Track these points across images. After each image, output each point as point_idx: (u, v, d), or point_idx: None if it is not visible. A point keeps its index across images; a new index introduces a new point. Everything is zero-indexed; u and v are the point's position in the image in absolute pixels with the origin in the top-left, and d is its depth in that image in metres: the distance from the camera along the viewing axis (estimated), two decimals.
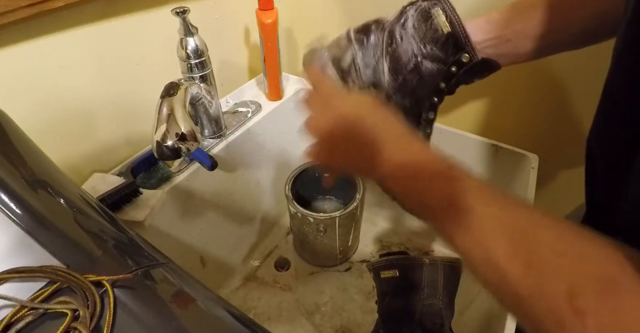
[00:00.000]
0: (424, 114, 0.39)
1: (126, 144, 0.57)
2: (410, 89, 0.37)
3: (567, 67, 0.59)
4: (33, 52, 0.43)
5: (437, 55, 0.36)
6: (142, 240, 0.32)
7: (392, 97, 0.38)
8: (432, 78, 0.37)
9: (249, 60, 0.74)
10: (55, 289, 0.25)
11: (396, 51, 0.37)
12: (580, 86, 0.60)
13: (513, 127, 0.69)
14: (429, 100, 0.38)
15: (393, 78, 0.37)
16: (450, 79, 0.37)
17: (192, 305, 0.28)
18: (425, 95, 0.38)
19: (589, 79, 0.58)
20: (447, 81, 0.37)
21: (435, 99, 0.38)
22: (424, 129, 0.40)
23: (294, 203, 0.64)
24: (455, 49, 0.36)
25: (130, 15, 0.50)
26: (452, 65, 0.36)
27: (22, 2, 0.37)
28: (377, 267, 0.54)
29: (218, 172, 0.58)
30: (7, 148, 0.32)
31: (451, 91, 0.39)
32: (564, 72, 0.60)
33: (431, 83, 0.37)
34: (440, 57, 0.36)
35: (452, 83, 0.37)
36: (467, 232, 0.25)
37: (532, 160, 0.60)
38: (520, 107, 0.67)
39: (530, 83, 0.63)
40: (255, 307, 0.69)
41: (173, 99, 0.41)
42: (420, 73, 0.37)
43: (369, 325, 0.65)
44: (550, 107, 0.64)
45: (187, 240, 0.59)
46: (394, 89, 0.37)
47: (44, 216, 0.29)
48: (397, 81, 0.37)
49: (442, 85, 0.37)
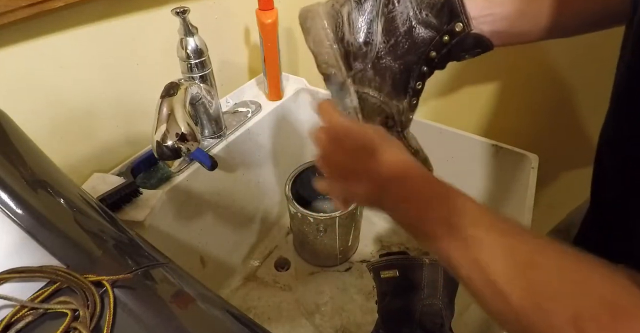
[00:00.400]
0: (412, 81, 0.39)
1: (126, 144, 0.57)
2: (400, 53, 0.37)
3: (567, 67, 0.59)
4: (33, 52, 0.43)
5: (431, 22, 0.36)
6: (142, 240, 0.32)
7: (382, 59, 0.38)
8: (423, 44, 0.37)
9: (249, 60, 0.74)
10: (55, 289, 0.25)
11: (392, 13, 0.37)
12: (580, 86, 0.60)
13: (513, 127, 0.69)
14: (418, 67, 0.38)
15: (385, 39, 0.37)
16: (441, 49, 0.37)
17: (192, 305, 0.28)
18: (415, 61, 0.38)
19: (589, 79, 0.58)
20: (439, 51, 0.37)
21: (425, 67, 0.38)
22: (410, 98, 0.40)
23: (294, 203, 0.64)
24: (450, 17, 0.36)
25: (130, 15, 0.50)
26: (445, 34, 0.36)
27: (22, 2, 0.37)
28: (377, 267, 0.54)
29: (218, 172, 0.58)
30: (7, 148, 0.32)
31: (442, 64, 0.39)
32: (564, 72, 0.60)
33: (422, 50, 0.37)
34: (435, 24, 0.36)
35: (444, 53, 0.37)
36: (467, 258, 0.25)
37: (532, 160, 0.60)
38: (520, 107, 0.67)
39: (530, 83, 0.63)
40: (255, 307, 0.69)
41: (173, 99, 0.41)
42: (413, 38, 0.37)
43: (369, 325, 0.65)
44: (550, 107, 0.64)
45: (187, 240, 0.59)
46: (385, 50, 0.37)
47: (44, 216, 0.29)
48: (389, 43, 0.37)
49: (432, 53, 0.37)
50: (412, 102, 0.40)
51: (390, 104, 0.39)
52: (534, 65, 0.61)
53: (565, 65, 0.59)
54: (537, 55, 0.60)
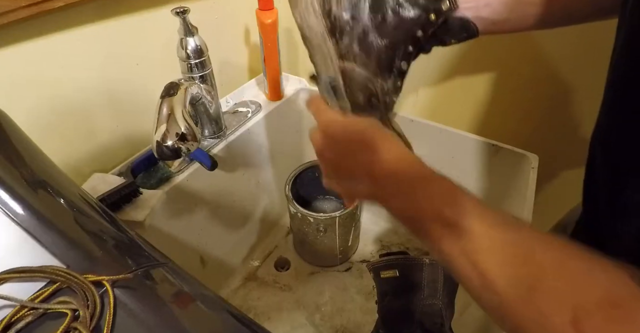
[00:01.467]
0: (397, 61, 0.39)
1: (126, 144, 0.57)
2: (387, 30, 0.37)
3: (567, 67, 0.59)
4: (33, 52, 0.43)
5: (418, 0, 0.37)
6: (142, 240, 0.32)
7: (368, 36, 0.38)
8: (411, 23, 0.37)
9: (249, 60, 0.74)
10: (55, 289, 0.25)
11: None
12: (580, 86, 0.60)
13: (513, 127, 0.69)
14: (405, 46, 0.38)
15: (372, 16, 0.37)
16: (428, 28, 0.37)
17: (192, 305, 0.28)
18: (402, 40, 0.38)
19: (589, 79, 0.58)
20: (425, 30, 0.37)
21: (411, 47, 0.38)
22: (395, 79, 0.40)
23: (294, 203, 0.64)
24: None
25: (130, 15, 0.50)
26: (431, 13, 0.36)
27: (22, 2, 0.37)
28: (377, 267, 0.54)
29: (218, 172, 0.58)
30: (7, 148, 0.32)
31: (428, 47, 0.39)
32: (564, 72, 0.60)
33: (409, 28, 0.37)
34: (421, 2, 0.37)
35: (430, 34, 0.37)
36: (464, 254, 0.25)
37: (532, 160, 0.60)
38: (520, 107, 0.67)
39: (530, 83, 0.63)
40: (255, 307, 0.69)
41: (173, 99, 0.41)
42: (400, 15, 0.37)
43: (369, 325, 0.65)
44: (550, 107, 0.64)
45: (187, 240, 0.59)
46: (371, 26, 0.37)
47: (44, 216, 0.29)
48: (375, 19, 0.37)
49: (419, 33, 0.37)
50: (396, 84, 0.40)
51: (375, 81, 0.39)
52: (534, 65, 0.61)
53: (566, 65, 0.59)
54: (538, 55, 0.60)
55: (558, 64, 0.59)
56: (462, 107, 0.72)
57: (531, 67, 0.61)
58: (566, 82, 0.60)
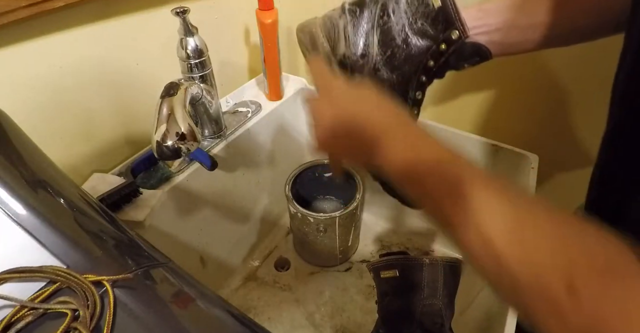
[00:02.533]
0: (411, 92, 0.39)
1: (126, 144, 0.57)
2: (397, 64, 0.38)
3: (567, 67, 0.59)
4: (33, 52, 0.43)
5: (427, 31, 0.36)
6: (142, 240, 0.32)
7: (379, 71, 0.38)
8: (420, 54, 0.37)
9: (249, 60, 0.74)
10: (55, 289, 0.25)
11: (387, 24, 0.37)
12: (581, 86, 0.60)
13: (513, 127, 0.69)
14: (417, 78, 0.38)
15: (382, 51, 0.37)
16: (439, 58, 0.37)
17: (192, 305, 0.28)
18: (413, 71, 0.38)
19: (589, 79, 0.58)
20: (436, 60, 0.37)
21: (424, 77, 0.38)
22: (411, 108, 0.40)
23: (294, 203, 0.64)
24: (445, 25, 0.36)
25: (130, 15, 0.50)
26: (441, 43, 0.36)
27: (22, 2, 0.37)
28: (377, 267, 0.54)
29: (218, 172, 0.58)
30: (7, 148, 0.32)
31: (441, 73, 0.39)
32: (564, 72, 0.60)
33: (419, 59, 0.37)
34: (431, 33, 0.36)
35: (442, 62, 0.37)
36: (466, 220, 0.25)
37: (532, 160, 0.60)
38: (520, 107, 0.67)
39: (530, 83, 0.63)
40: (255, 307, 0.69)
41: (173, 99, 0.41)
42: (409, 48, 0.37)
43: (369, 325, 0.65)
44: (550, 107, 0.64)
45: (187, 240, 0.59)
46: (382, 61, 0.38)
47: (44, 216, 0.29)
48: (385, 54, 0.37)
49: (430, 63, 0.37)
50: (412, 113, 0.40)
51: None
52: (534, 65, 0.61)
53: (566, 65, 0.59)
54: (538, 55, 0.60)
55: (558, 64, 0.59)
56: (462, 107, 0.72)
57: (531, 67, 0.61)
58: (566, 82, 0.60)
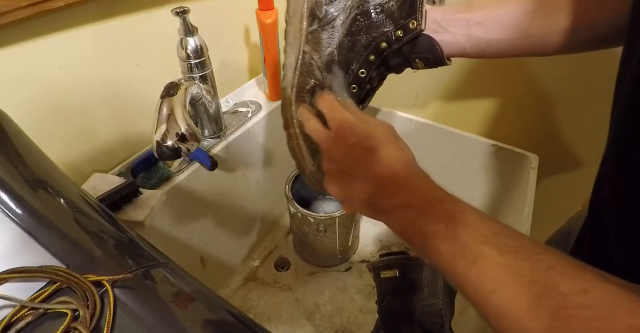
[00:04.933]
0: (355, 64, 0.38)
1: (126, 144, 0.57)
2: (354, 30, 0.37)
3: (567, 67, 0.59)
4: (33, 52, 0.43)
5: (393, 13, 0.36)
6: (142, 240, 0.32)
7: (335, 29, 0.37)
8: (378, 32, 0.37)
9: (249, 60, 0.74)
10: (55, 289, 0.25)
11: None
12: (580, 86, 0.60)
13: (513, 127, 0.69)
14: (366, 53, 0.38)
15: (348, 12, 0.37)
16: (393, 43, 0.37)
17: (192, 305, 0.28)
18: (364, 45, 0.37)
19: (589, 79, 0.58)
20: (390, 44, 0.37)
21: (372, 56, 0.38)
22: (350, 83, 0.39)
23: (294, 203, 0.64)
24: (409, 12, 0.35)
25: (131, 15, 0.50)
26: (399, 29, 0.36)
27: (22, 2, 0.37)
28: (377, 267, 0.54)
29: (218, 172, 0.58)
30: (7, 148, 0.32)
31: (395, 66, 0.39)
32: (564, 72, 0.60)
33: (374, 36, 0.37)
34: (395, 16, 0.36)
35: (395, 49, 0.37)
36: (480, 283, 0.23)
37: (532, 160, 0.60)
38: (520, 107, 0.67)
39: (530, 83, 0.63)
40: (255, 307, 0.69)
41: (173, 99, 0.41)
42: (371, 20, 0.37)
43: (369, 325, 0.65)
44: (550, 107, 0.64)
45: (187, 240, 0.59)
46: (341, 21, 0.37)
47: (44, 216, 0.29)
48: (348, 16, 0.37)
49: (383, 44, 0.37)
50: (350, 89, 0.39)
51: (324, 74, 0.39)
52: (534, 65, 0.61)
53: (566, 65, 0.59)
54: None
55: (559, 64, 0.59)
56: (462, 107, 0.72)
57: (531, 67, 0.61)
58: (566, 82, 0.60)
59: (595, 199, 0.32)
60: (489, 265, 0.23)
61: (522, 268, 0.22)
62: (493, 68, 0.65)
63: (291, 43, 0.40)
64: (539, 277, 0.21)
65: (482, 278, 0.23)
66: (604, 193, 0.29)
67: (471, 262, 0.24)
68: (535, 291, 0.21)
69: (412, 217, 0.28)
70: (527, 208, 0.53)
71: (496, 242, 0.24)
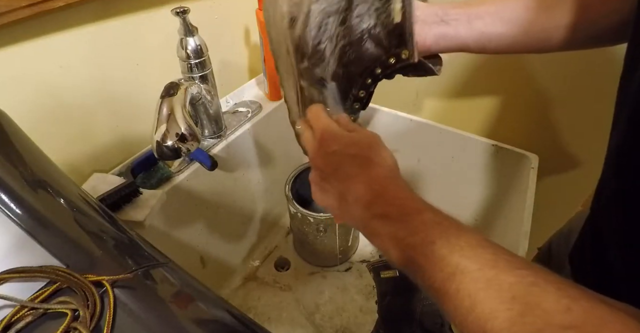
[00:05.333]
0: (355, 89, 0.38)
1: (126, 144, 0.57)
2: (345, 62, 0.37)
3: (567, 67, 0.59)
4: (33, 52, 0.43)
5: (382, 41, 0.36)
6: (142, 240, 0.32)
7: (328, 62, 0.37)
8: (370, 60, 0.37)
9: (249, 60, 0.74)
10: (55, 289, 0.25)
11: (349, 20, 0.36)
12: (580, 87, 0.60)
13: (513, 127, 0.69)
14: (362, 79, 0.38)
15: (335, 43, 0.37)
16: (386, 69, 0.37)
17: (192, 305, 0.28)
18: (359, 73, 0.38)
19: (589, 80, 0.58)
20: (384, 69, 0.37)
21: (370, 80, 0.38)
22: (352, 103, 0.39)
23: (294, 203, 0.64)
24: (398, 41, 0.35)
25: (130, 15, 0.50)
26: (391, 57, 0.36)
27: (22, 2, 0.37)
28: (377, 267, 0.54)
29: (218, 172, 0.58)
30: (7, 148, 0.32)
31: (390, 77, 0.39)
32: (564, 72, 0.60)
33: (367, 65, 0.37)
34: (384, 44, 0.36)
35: (388, 72, 0.37)
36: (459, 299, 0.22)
37: (532, 160, 0.60)
38: (520, 107, 0.67)
39: (530, 83, 0.63)
40: (255, 307, 0.69)
41: (173, 99, 0.41)
42: (361, 50, 0.36)
43: (369, 325, 0.65)
44: (550, 107, 0.64)
45: (187, 240, 0.59)
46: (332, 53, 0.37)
47: (44, 216, 0.29)
48: (337, 47, 0.37)
49: (378, 70, 0.37)
50: (354, 106, 0.40)
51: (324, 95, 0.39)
52: (535, 65, 0.61)
53: (566, 65, 0.59)
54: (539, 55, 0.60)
55: (559, 64, 0.59)
56: (462, 107, 0.72)
57: (531, 67, 0.61)
58: (567, 83, 0.60)
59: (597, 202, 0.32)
60: (467, 280, 0.22)
61: (502, 284, 0.21)
62: (493, 68, 0.65)
63: (285, 77, 0.40)
64: (520, 293, 0.20)
65: (461, 294, 0.22)
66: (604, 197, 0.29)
67: (449, 277, 0.23)
68: (516, 308, 0.20)
69: (388, 228, 0.27)
70: (527, 209, 0.53)
71: (475, 255, 0.23)
